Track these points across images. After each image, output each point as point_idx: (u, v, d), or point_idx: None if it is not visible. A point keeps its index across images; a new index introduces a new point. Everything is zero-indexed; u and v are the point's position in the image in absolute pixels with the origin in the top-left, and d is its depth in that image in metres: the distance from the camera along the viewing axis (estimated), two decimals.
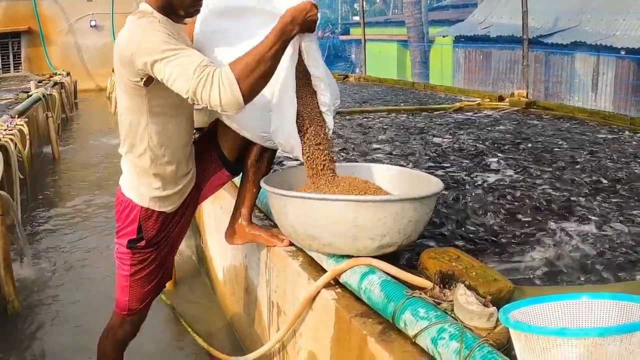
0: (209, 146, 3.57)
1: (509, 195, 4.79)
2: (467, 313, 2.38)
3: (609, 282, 3.33)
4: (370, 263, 2.96)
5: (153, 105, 3.07)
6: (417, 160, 6.09)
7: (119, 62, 2.98)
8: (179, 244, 3.70)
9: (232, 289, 5.09)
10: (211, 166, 3.58)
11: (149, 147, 3.16)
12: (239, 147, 3.56)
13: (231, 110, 2.80)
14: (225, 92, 2.73)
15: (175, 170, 3.29)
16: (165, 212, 3.34)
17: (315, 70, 3.25)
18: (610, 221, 4.22)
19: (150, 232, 3.34)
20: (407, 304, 2.54)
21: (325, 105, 3.32)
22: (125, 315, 3.54)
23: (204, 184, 3.58)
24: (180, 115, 3.22)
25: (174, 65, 2.77)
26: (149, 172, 3.23)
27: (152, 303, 3.66)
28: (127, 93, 3.08)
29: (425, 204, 3.06)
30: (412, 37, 22.12)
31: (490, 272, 2.88)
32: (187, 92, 2.77)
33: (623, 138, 7.46)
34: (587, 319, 2.16)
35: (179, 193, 3.36)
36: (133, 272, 3.42)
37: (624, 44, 15.30)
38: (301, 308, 3.25)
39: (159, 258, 3.47)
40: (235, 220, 3.80)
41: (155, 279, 3.52)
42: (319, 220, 2.98)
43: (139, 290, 3.48)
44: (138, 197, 3.29)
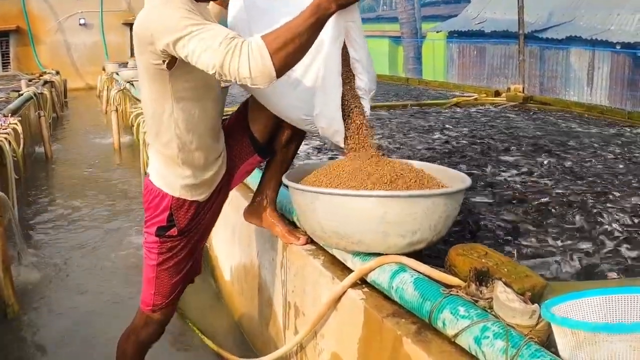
0: (239, 129, 3.47)
1: (522, 192, 4.74)
2: (509, 311, 2.31)
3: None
4: (400, 261, 2.89)
5: (177, 89, 2.96)
6: (424, 156, 6.03)
7: (139, 46, 2.87)
8: (210, 232, 3.59)
9: (240, 289, 5.02)
10: (243, 150, 3.47)
11: (176, 134, 3.06)
12: (270, 130, 3.46)
13: (262, 83, 2.65)
14: (256, 62, 2.58)
15: (205, 156, 3.19)
16: (197, 201, 3.25)
17: (355, 52, 3.19)
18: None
19: (182, 222, 3.25)
20: (445, 302, 2.47)
21: (361, 90, 3.24)
22: (150, 311, 3.42)
23: (235, 169, 3.49)
24: (206, 99, 3.10)
25: (199, 39, 2.64)
26: (176, 161, 3.13)
27: (177, 303, 3.55)
28: (149, 79, 2.97)
29: (454, 199, 3.00)
30: (405, 32, 22.00)
31: (521, 267, 2.81)
32: (214, 66, 2.62)
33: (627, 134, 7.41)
34: (628, 313, 2.13)
35: (210, 180, 3.27)
36: (161, 262, 3.31)
37: (620, 39, 15.26)
38: (324, 309, 3.17)
39: (188, 246, 3.35)
40: (260, 200, 3.69)
41: (184, 270, 3.40)
42: (350, 217, 2.90)
43: (167, 281, 3.36)
44: (168, 186, 3.19)
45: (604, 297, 2.16)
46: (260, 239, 4.31)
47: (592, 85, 16.08)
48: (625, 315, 2.14)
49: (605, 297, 2.16)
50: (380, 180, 2.94)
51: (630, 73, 15.33)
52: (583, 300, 2.17)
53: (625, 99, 15.14)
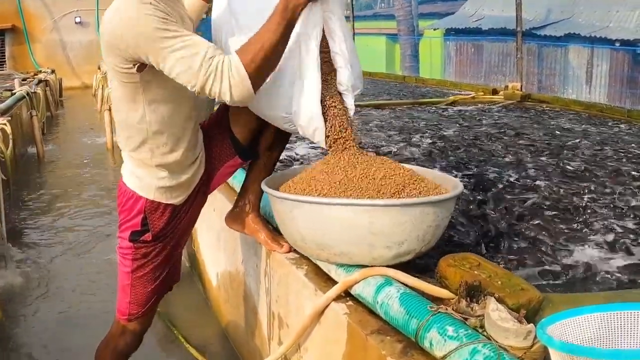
0: (219, 130, 3.31)
1: (522, 194, 4.54)
2: (502, 331, 2.12)
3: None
4: (385, 273, 2.70)
5: (149, 92, 2.81)
6: (420, 157, 5.83)
7: (108, 50, 2.72)
8: (187, 238, 3.44)
9: (227, 296, 4.87)
10: (223, 152, 3.32)
11: (148, 137, 2.92)
12: (252, 130, 3.30)
13: (242, 102, 2.65)
14: (237, 85, 2.57)
15: (181, 158, 3.03)
16: (173, 204, 3.10)
17: (334, 44, 3.02)
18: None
19: (157, 226, 3.09)
20: (433, 320, 2.27)
21: (342, 85, 3.07)
22: (126, 320, 3.28)
23: (215, 171, 3.34)
24: (181, 99, 2.94)
25: (177, 57, 2.55)
26: (149, 164, 2.99)
27: (155, 312, 3.43)
28: (119, 82, 2.82)
29: (445, 207, 2.80)
30: (402, 30, 21.84)
31: (516, 279, 2.63)
32: (193, 87, 2.59)
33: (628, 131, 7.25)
34: (628, 331, 1.97)
35: (187, 182, 3.12)
36: (135, 268, 3.16)
37: (619, 36, 15.16)
38: (308, 322, 2.98)
39: (164, 252, 3.19)
40: (242, 205, 3.53)
41: (160, 277, 3.25)
42: (332, 227, 2.71)
43: (142, 289, 3.21)
44: (142, 188, 3.04)
45: (603, 314, 1.99)
46: (245, 245, 4.15)
47: (591, 83, 15.99)
48: (625, 334, 1.98)
49: (605, 314, 1.99)
50: (365, 186, 2.75)
51: (630, 70, 15.24)
52: (581, 318, 2.00)
53: (625, 97, 15.05)
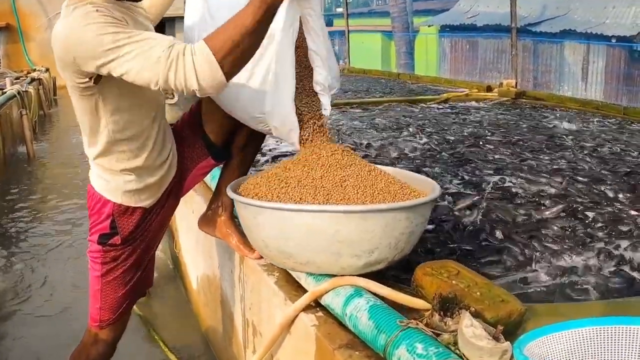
0: (192, 131, 3.20)
1: (510, 197, 4.40)
2: (476, 350, 1.95)
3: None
4: (355, 283, 2.53)
5: (109, 102, 2.67)
6: (408, 157, 5.70)
7: (60, 64, 2.55)
8: (158, 241, 3.30)
9: (206, 300, 4.74)
10: (195, 153, 3.20)
11: (111, 145, 2.79)
12: (226, 130, 3.17)
13: (212, 92, 2.39)
14: (203, 70, 2.31)
15: (146, 162, 2.90)
16: (143, 207, 2.97)
17: (313, 42, 2.88)
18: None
19: (126, 230, 2.98)
20: (402, 336, 2.10)
21: (319, 85, 2.94)
22: (98, 327, 3.15)
23: (187, 173, 3.21)
24: (142, 104, 2.80)
25: (132, 57, 2.34)
26: (115, 170, 2.86)
27: (128, 319, 3.30)
28: (77, 95, 2.66)
29: (420, 212, 2.62)
30: (397, 27, 21.77)
31: (497, 290, 2.47)
32: (156, 83, 2.35)
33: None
34: (611, 349, 1.88)
35: (156, 184, 2.99)
36: (105, 272, 3.04)
37: (615, 32, 15.07)
38: (278, 332, 2.81)
39: (134, 255, 3.08)
40: (215, 208, 3.40)
41: (131, 282, 3.13)
42: (296, 235, 2.54)
43: (112, 294, 3.09)
44: (109, 192, 2.92)
45: (585, 330, 1.89)
46: (220, 249, 4.01)
47: (587, 80, 15.93)
48: (608, 351, 1.89)
49: (587, 330, 1.89)
50: (334, 191, 2.58)
51: (626, 67, 15.21)
52: (562, 334, 1.89)
53: (621, 94, 14.97)
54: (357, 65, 16.72)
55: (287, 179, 2.69)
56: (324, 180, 2.63)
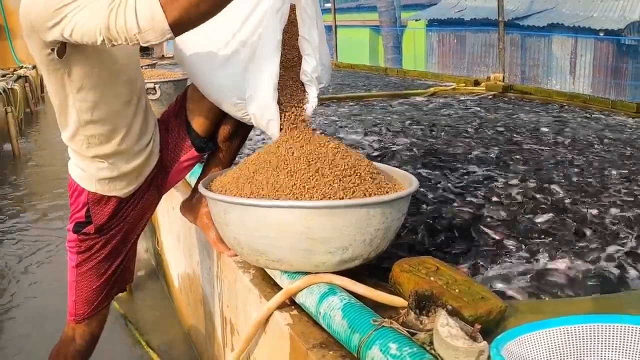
0: (176, 121, 3.13)
1: (488, 193, 4.33)
2: (452, 350, 1.87)
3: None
4: (330, 281, 2.45)
5: (74, 78, 2.58)
6: (389, 152, 5.64)
7: (26, 36, 2.48)
8: (137, 234, 3.23)
9: (187, 299, 4.71)
10: (179, 144, 3.14)
11: (80, 126, 2.71)
12: (211, 122, 3.10)
13: (154, 37, 2.27)
14: (144, 11, 2.22)
15: (119, 148, 2.83)
16: (118, 197, 2.92)
17: (304, 28, 2.81)
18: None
19: (100, 219, 2.94)
20: (375, 336, 2.03)
21: (306, 75, 2.87)
22: (74, 321, 3.11)
23: (171, 165, 3.15)
24: (114, 85, 2.72)
25: (79, 9, 2.28)
26: (86, 155, 2.80)
27: (106, 314, 3.25)
28: (46, 70, 2.59)
29: (396, 207, 2.53)
30: (384, 21, 21.72)
31: (476, 287, 2.39)
32: (100, 31, 2.27)
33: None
34: (600, 346, 1.82)
35: (132, 174, 2.93)
36: (79, 262, 3.01)
37: (603, 26, 15.06)
38: (253, 331, 2.74)
39: (109, 246, 3.03)
40: (198, 197, 3.32)
41: (106, 274, 3.08)
42: (264, 232, 2.46)
43: (87, 286, 3.05)
44: (84, 180, 2.88)
45: (566, 328, 1.83)
46: (200, 246, 3.97)
47: (575, 74, 15.93)
48: (589, 349, 1.83)
49: (568, 328, 1.83)
50: (307, 184, 2.50)
51: (614, 61, 15.22)
52: (542, 333, 1.82)
53: (609, 88, 14.98)
54: (345, 60, 16.69)
55: (260, 173, 2.61)
56: (298, 173, 2.54)
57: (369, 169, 2.65)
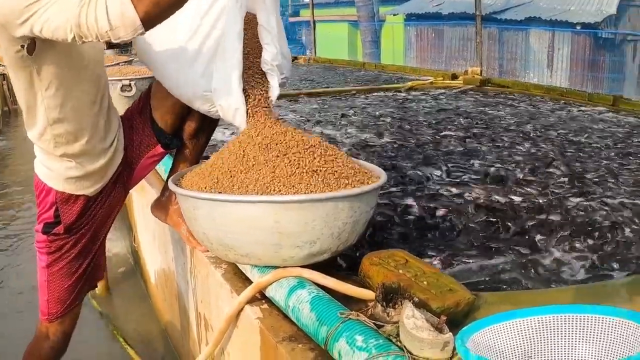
0: (141, 118, 3.11)
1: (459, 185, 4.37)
2: (417, 341, 1.88)
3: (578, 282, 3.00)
4: (300, 274, 2.46)
5: (44, 75, 2.55)
6: (364, 148, 5.64)
7: None
8: (105, 232, 3.21)
9: (163, 295, 4.70)
10: (144, 141, 3.11)
11: (48, 124, 2.68)
12: (176, 118, 3.09)
13: (125, 34, 2.27)
14: (114, 6, 2.22)
15: (86, 147, 2.80)
16: (86, 195, 2.89)
17: (263, 17, 2.81)
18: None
19: (69, 218, 2.90)
20: (342, 328, 2.04)
21: (267, 64, 2.85)
22: (47, 320, 3.09)
23: (136, 162, 3.13)
24: (81, 82, 2.70)
25: (50, 5, 2.26)
26: (54, 153, 2.77)
27: (78, 312, 3.22)
28: (13, 67, 2.56)
29: (364, 201, 2.53)
30: (362, 16, 21.70)
31: (445, 279, 2.41)
32: (71, 28, 2.26)
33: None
34: (567, 337, 1.82)
35: (99, 171, 2.91)
36: (50, 262, 2.98)
37: (580, 19, 15.11)
38: (225, 326, 2.75)
39: (79, 245, 3.01)
40: (168, 195, 3.32)
41: (77, 273, 3.06)
42: (232, 227, 2.45)
43: (59, 286, 3.03)
44: (51, 179, 2.85)
45: (533, 319, 1.83)
46: (174, 242, 3.94)
47: (552, 67, 15.97)
48: (556, 340, 1.82)
49: (539, 318, 1.83)
50: (276, 177, 2.48)
51: (591, 54, 15.29)
52: (513, 323, 1.83)
53: (587, 80, 15.04)
54: (324, 55, 16.68)
55: (228, 168, 2.60)
56: (266, 168, 2.53)
57: (337, 162, 2.64)
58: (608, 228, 3.52)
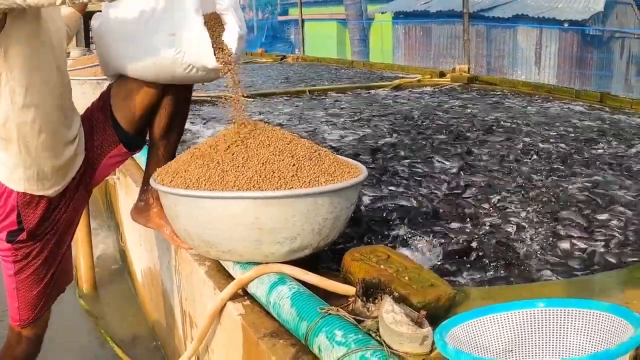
0: (102, 117, 3.04)
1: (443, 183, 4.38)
2: (396, 336, 1.89)
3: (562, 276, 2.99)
4: (280, 270, 2.47)
5: (10, 54, 2.47)
6: (340, 143, 5.66)
7: None
8: (70, 236, 3.15)
9: (150, 294, 4.69)
10: (105, 141, 3.04)
11: (13, 110, 2.57)
12: (138, 117, 3.02)
13: None
14: None
15: (52, 141, 2.72)
16: (47, 197, 2.81)
17: None
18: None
19: (31, 222, 2.82)
20: (322, 323, 2.05)
21: (222, 4, 2.80)
22: (19, 326, 3.05)
23: (98, 162, 3.07)
24: (49, 68, 2.64)
25: None
26: (16, 145, 2.65)
27: (49, 315, 3.18)
28: None
29: (344, 196, 2.54)
30: (351, 14, 21.68)
31: (426, 274, 2.42)
32: None
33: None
34: (546, 331, 1.82)
35: (61, 170, 2.82)
36: (17, 271, 2.92)
37: (568, 16, 15.15)
38: (208, 322, 2.75)
39: (45, 251, 2.95)
40: (145, 199, 3.28)
41: (46, 278, 3.01)
42: (213, 223, 2.46)
43: (28, 292, 2.98)
44: (12, 180, 2.74)
45: (518, 312, 1.83)
46: (159, 240, 3.94)
47: (540, 64, 16.00)
48: (546, 334, 1.82)
49: (520, 312, 1.83)
50: (256, 173, 2.48)
51: (579, 51, 15.33)
52: (493, 317, 1.83)
53: (574, 78, 15.08)
54: (313, 54, 16.66)
55: (208, 164, 2.59)
56: (248, 162, 2.53)
57: (317, 158, 2.65)
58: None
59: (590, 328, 1.75)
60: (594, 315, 1.75)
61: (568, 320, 1.79)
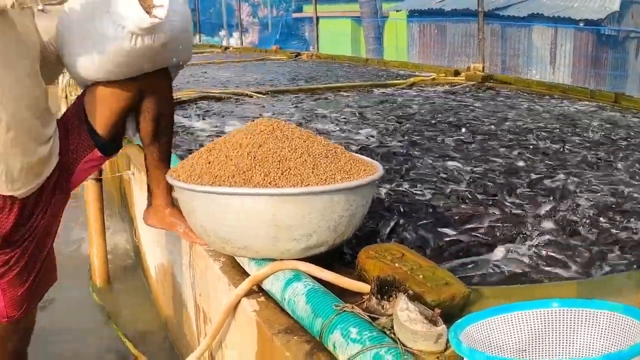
0: (76, 122, 3.03)
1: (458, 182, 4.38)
2: (410, 333, 1.90)
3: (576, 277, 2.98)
4: (296, 267, 2.48)
5: None
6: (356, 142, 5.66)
7: None
8: (51, 239, 3.12)
9: (163, 289, 4.69)
10: (80, 145, 3.02)
11: None
12: (113, 122, 3.00)
13: None
14: None
15: (22, 140, 2.65)
16: (16, 198, 2.74)
17: None
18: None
19: (5, 227, 2.77)
20: (337, 320, 2.06)
21: None
22: (7, 322, 3.04)
23: (74, 166, 3.05)
24: (18, 67, 2.59)
25: None
26: None
27: (36, 309, 3.21)
28: None
29: (360, 194, 2.56)
30: (365, 12, 21.67)
31: (441, 273, 2.42)
32: None
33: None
34: (560, 331, 1.83)
35: (31, 170, 2.74)
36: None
37: (583, 16, 15.11)
38: (222, 318, 2.76)
39: (25, 256, 2.93)
40: (155, 201, 3.29)
41: (28, 280, 3.00)
42: (229, 220, 2.47)
43: (13, 294, 2.96)
44: None
45: (532, 312, 1.85)
46: (173, 236, 3.92)
47: (555, 64, 15.97)
48: (550, 334, 1.83)
49: (534, 312, 1.85)
50: (273, 170, 2.50)
51: (594, 51, 15.28)
52: (508, 317, 1.85)
53: (589, 77, 15.03)
54: (327, 51, 16.66)
55: (226, 160, 2.59)
56: (264, 160, 2.54)
57: (334, 155, 2.66)
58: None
59: (603, 329, 1.76)
60: (607, 316, 1.76)
61: (581, 321, 1.80)
